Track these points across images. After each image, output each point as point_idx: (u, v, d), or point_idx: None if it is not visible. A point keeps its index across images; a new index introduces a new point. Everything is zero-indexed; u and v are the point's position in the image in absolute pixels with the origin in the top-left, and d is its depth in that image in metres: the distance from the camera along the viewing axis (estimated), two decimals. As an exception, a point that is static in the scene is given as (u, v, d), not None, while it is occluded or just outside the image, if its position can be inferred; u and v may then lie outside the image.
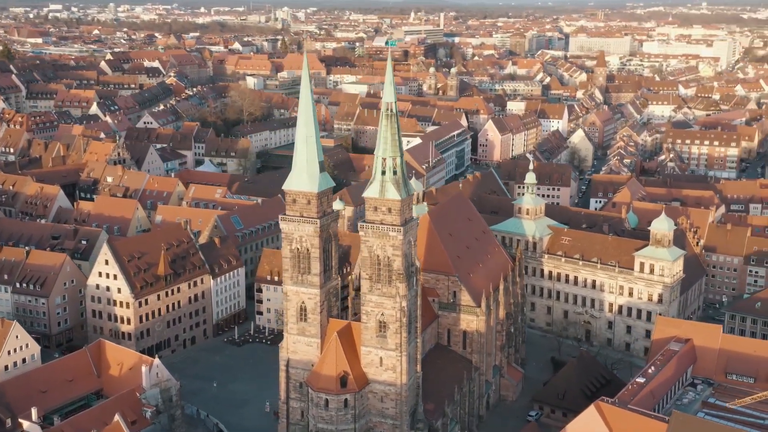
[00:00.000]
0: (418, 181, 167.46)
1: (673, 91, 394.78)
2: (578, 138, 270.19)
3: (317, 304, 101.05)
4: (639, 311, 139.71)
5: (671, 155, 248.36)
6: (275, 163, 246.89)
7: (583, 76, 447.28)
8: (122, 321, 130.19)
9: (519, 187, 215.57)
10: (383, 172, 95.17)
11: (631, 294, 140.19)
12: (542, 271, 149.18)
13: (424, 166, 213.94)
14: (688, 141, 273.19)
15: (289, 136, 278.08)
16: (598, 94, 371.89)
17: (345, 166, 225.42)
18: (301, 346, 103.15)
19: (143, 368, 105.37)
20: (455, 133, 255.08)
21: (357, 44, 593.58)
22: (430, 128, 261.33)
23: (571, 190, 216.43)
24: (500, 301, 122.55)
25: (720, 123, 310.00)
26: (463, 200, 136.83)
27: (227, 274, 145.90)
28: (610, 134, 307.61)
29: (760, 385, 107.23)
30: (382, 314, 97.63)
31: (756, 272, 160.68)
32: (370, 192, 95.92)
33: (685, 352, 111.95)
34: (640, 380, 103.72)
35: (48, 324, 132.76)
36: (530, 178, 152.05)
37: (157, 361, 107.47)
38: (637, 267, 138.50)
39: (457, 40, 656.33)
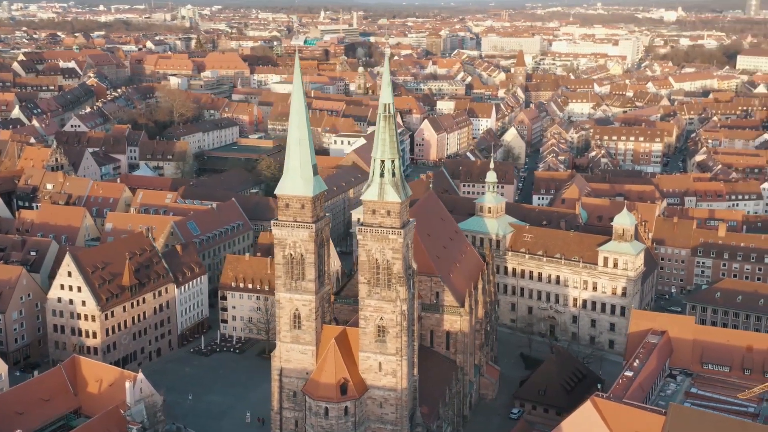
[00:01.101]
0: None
1: (589, 89, 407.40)
2: (511, 136, 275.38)
3: (312, 310, 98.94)
4: (603, 305, 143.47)
5: (602, 151, 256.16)
6: (214, 166, 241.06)
7: (502, 76, 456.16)
8: (87, 335, 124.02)
9: (464, 185, 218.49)
10: (382, 174, 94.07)
11: (595, 288, 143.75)
12: (506, 268, 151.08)
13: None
14: (614, 137, 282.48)
15: (223, 137, 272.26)
16: (520, 93, 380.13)
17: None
18: (294, 355, 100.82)
19: (127, 384, 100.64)
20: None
21: (275, 43, 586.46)
22: (370, 128, 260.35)
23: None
24: (479, 300, 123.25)
25: (638, 119, 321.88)
26: (435, 200, 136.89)
27: (191, 283, 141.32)
28: (537, 132, 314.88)
29: (736, 374, 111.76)
30: (381, 318, 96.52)
31: (703, 263, 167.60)
32: (369, 195, 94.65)
33: (662, 344, 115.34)
34: (629, 374, 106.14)
35: (5, 341, 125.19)
36: (491, 176, 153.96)
37: (140, 375, 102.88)
38: (600, 262, 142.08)
39: (372, 39, 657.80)
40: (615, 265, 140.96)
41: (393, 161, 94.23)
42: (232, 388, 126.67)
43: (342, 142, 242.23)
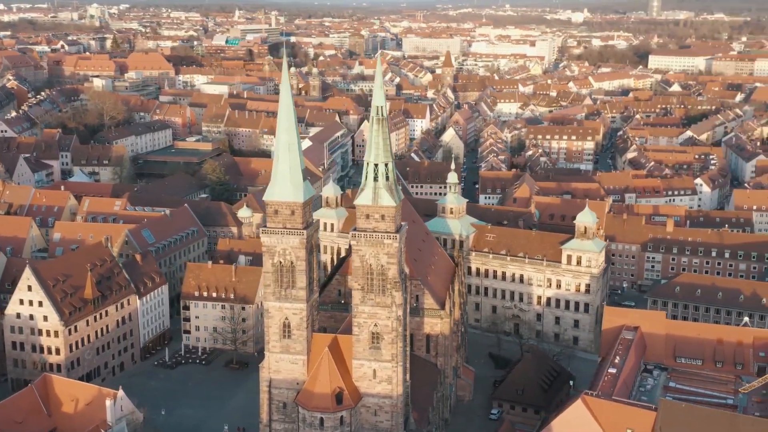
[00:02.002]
0: (336, 185, 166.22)
1: (515, 89, 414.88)
2: (449, 137, 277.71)
3: (303, 319, 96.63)
4: (567, 302, 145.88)
5: (540, 151, 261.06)
6: (152, 170, 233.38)
7: (429, 76, 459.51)
8: (50, 351, 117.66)
9: (412, 186, 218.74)
10: (375, 178, 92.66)
11: (559, 286, 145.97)
12: (470, 268, 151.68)
13: (320, 168, 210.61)
14: (548, 136, 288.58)
15: (156, 140, 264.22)
16: (449, 94, 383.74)
17: (233, 170, 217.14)
18: (285, 365, 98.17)
19: (107, 402, 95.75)
20: (339, 134, 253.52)
21: (195, 43, 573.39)
22: (312, 130, 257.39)
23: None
24: (456, 301, 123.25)
25: (566, 119, 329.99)
26: (405, 202, 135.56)
27: (152, 293, 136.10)
28: (471, 132, 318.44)
29: (708, 366, 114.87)
30: (375, 325, 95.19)
31: (653, 258, 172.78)
32: (363, 199, 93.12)
33: (637, 339, 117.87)
34: (612, 371, 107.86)
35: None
36: (452, 177, 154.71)
37: (121, 392, 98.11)
38: (564, 259, 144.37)
39: (293, 39, 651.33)
40: (578, 263, 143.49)
41: (387, 165, 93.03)
42: (204, 400, 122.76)
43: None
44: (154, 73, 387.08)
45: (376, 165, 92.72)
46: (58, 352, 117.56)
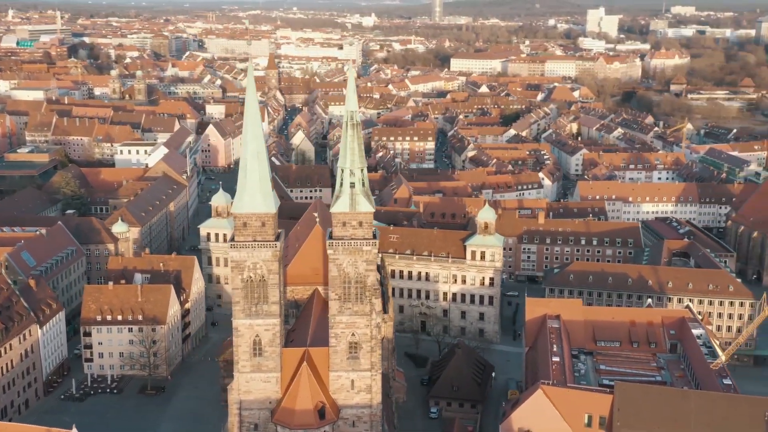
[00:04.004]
0: (226, 193, 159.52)
1: (339, 91, 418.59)
2: (299, 139, 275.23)
3: (276, 335, 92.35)
4: (472, 296, 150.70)
5: (391, 152, 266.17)
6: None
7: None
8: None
9: (291, 191, 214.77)
10: (352, 185, 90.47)
11: (464, 281, 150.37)
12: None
13: (183, 176, 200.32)
14: (392, 138, 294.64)
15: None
16: (279, 96, 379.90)
17: (82, 182, 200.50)
18: (256, 384, 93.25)
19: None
20: (189, 139, 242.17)
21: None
22: (161, 136, 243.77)
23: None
24: (391, 303, 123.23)
25: (397, 120, 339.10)
26: (323, 207, 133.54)
27: (51, 321, 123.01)
28: (313, 135, 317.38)
29: (626, 347, 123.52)
30: (353, 334, 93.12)
31: (528, 249, 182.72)
32: (340, 207, 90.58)
33: (562, 327, 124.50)
34: (556, 359, 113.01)
35: None
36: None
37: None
38: (468, 255, 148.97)
39: (88, 40, 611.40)
40: (482, 258, 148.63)
41: (362, 170, 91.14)
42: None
43: (137, 152, 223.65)
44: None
45: (351, 171, 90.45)
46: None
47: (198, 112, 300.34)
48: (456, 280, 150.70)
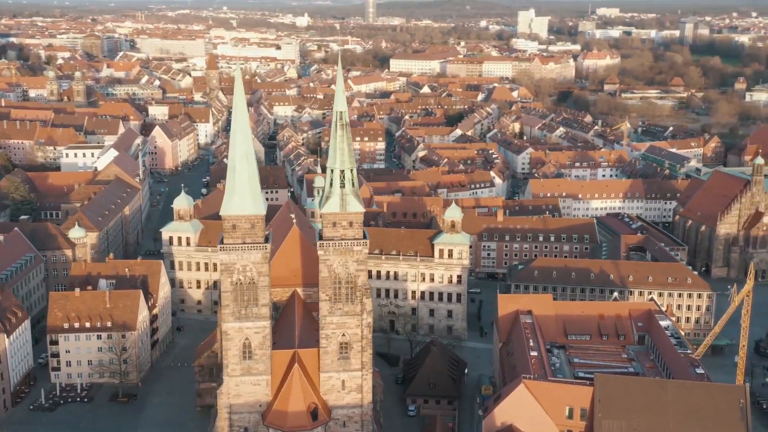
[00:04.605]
0: (188, 196, 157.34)
1: (282, 92, 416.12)
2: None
3: (266, 337, 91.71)
4: (440, 294, 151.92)
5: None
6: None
7: (188, 79, 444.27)
8: None
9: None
10: (342, 185, 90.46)
11: (432, 279, 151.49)
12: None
13: (136, 179, 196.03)
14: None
15: None
16: (222, 97, 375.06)
17: (30, 187, 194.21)
18: (246, 387, 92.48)
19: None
20: (138, 141, 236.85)
21: None
22: (107, 138, 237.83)
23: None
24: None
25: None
26: (295, 208, 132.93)
27: (17, 330, 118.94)
28: (260, 135, 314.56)
29: (596, 340, 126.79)
30: (344, 335, 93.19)
31: (489, 246, 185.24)
32: (330, 207, 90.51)
33: (535, 322, 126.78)
34: (534, 353, 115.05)
35: None
36: (319, 182, 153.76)
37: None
38: (437, 254, 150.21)
39: (15, 40, 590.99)
40: (450, 256, 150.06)
41: (351, 170, 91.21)
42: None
43: (83, 155, 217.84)
44: None
45: (342, 171, 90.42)
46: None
47: (141, 114, 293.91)
48: (424, 279, 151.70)
